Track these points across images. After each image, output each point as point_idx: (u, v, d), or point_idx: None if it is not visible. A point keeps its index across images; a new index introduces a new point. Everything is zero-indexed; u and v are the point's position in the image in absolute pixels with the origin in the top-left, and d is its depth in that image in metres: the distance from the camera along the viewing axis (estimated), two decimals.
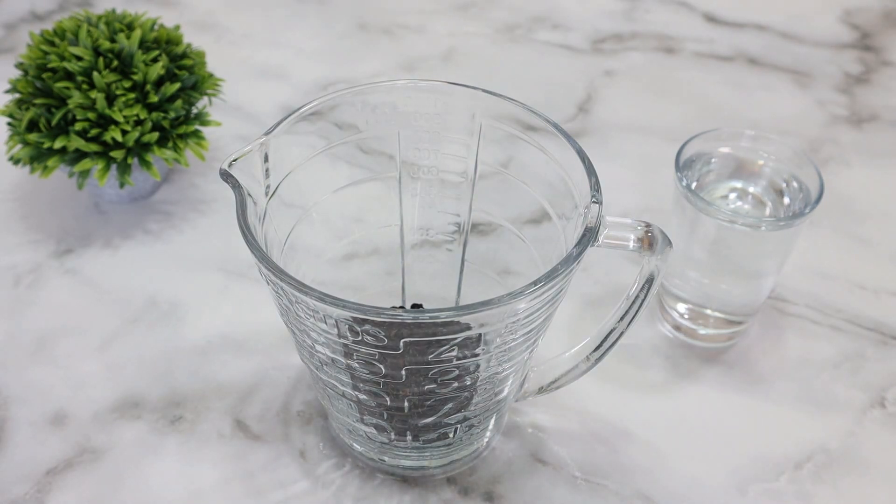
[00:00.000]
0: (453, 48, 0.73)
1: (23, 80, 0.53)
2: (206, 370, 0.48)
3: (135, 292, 0.52)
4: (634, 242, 0.37)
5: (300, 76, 0.69)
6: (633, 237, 0.37)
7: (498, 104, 0.41)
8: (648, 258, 0.37)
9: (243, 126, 0.64)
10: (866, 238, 0.57)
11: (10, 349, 0.49)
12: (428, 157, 0.43)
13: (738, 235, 0.44)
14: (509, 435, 0.46)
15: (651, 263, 0.38)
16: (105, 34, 0.53)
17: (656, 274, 0.38)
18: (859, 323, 0.52)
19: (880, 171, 0.62)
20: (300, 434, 0.45)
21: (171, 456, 0.44)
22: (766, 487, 0.44)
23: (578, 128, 0.65)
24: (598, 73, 0.70)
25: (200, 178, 0.60)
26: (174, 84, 0.53)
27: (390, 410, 0.39)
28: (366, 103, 0.42)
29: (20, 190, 0.59)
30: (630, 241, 0.37)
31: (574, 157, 0.38)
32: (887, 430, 0.46)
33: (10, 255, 0.54)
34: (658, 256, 0.37)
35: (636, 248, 0.37)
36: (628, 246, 0.37)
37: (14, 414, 0.46)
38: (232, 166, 0.37)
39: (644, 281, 0.38)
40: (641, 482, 0.44)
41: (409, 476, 0.44)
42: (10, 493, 0.43)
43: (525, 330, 0.36)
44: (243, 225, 0.35)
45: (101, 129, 0.51)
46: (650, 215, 0.57)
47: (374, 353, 0.35)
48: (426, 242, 0.46)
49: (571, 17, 0.76)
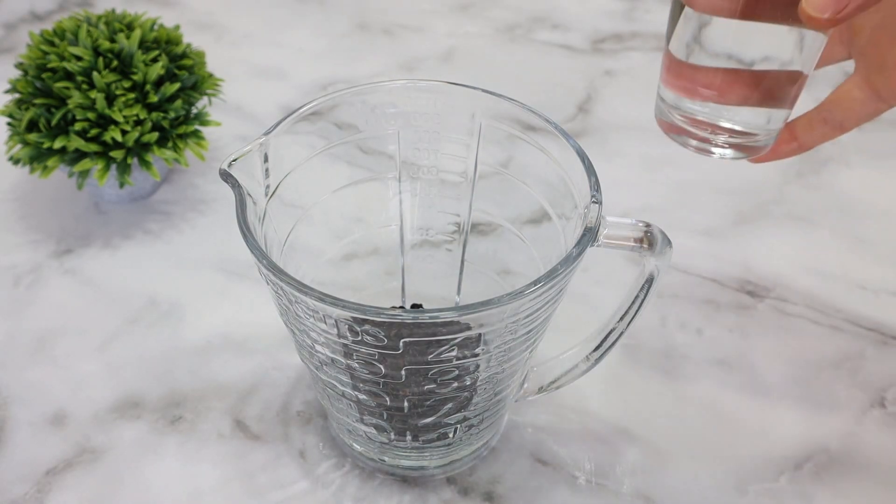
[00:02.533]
0: (453, 48, 0.73)
1: (23, 80, 0.53)
2: (206, 370, 0.48)
3: (135, 292, 0.52)
4: (634, 242, 0.37)
5: (300, 76, 0.69)
6: (633, 237, 0.37)
7: (498, 104, 0.41)
8: (648, 258, 0.37)
9: (243, 126, 0.64)
10: (866, 238, 0.57)
11: (10, 349, 0.49)
12: (428, 157, 0.43)
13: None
14: (509, 435, 0.46)
15: (651, 263, 0.38)
16: (105, 34, 0.53)
17: (656, 274, 0.38)
18: (859, 323, 0.51)
19: (880, 171, 0.62)
20: (300, 434, 0.45)
21: (171, 456, 0.44)
22: (766, 487, 0.44)
23: (578, 128, 0.65)
24: (598, 73, 0.70)
25: (200, 178, 0.60)
26: (174, 84, 0.53)
27: (390, 410, 0.39)
28: (365, 103, 0.42)
29: (20, 190, 0.59)
30: (630, 241, 0.37)
31: (574, 157, 0.38)
32: (887, 430, 0.46)
33: (10, 255, 0.54)
34: (658, 256, 0.37)
35: (636, 248, 0.37)
36: (628, 246, 0.37)
37: (14, 414, 0.46)
38: (232, 166, 0.37)
39: (644, 281, 0.38)
40: (641, 482, 0.44)
41: (408, 476, 0.44)
42: (10, 493, 0.43)
43: (525, 330, 0.36)
44: (243, 225, 0.35)
45: (101, 129, 0.51)
46: (650, 215, 0.57)
47: (374, 353, 0.35)
48: (426, 242, 0.46)
49: (571, 17, 0.76)
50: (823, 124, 0.40)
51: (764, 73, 0.35)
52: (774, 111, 0.37)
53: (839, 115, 0.39)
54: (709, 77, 0.36)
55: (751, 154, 0.38)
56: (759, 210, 0.59)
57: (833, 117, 0.39)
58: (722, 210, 0.59)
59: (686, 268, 0.54)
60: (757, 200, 0.60)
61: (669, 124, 0.38)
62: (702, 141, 0.38)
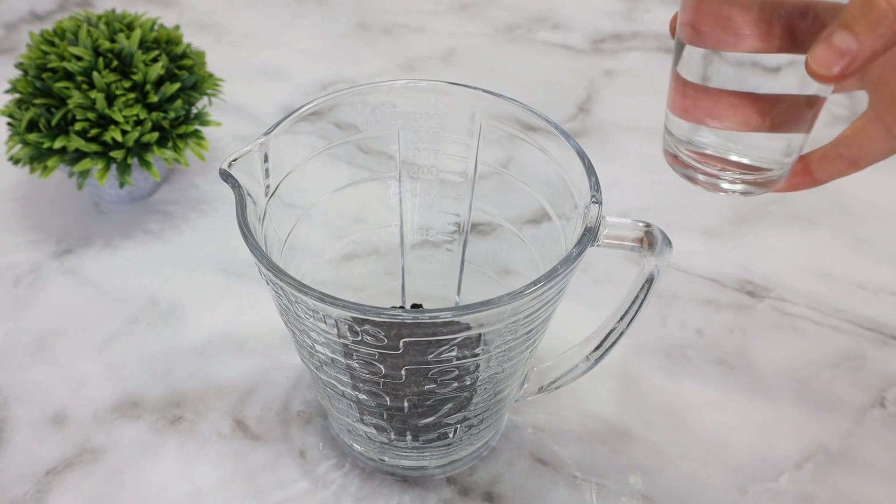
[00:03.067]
0: (453, 48, 0.73)
1: (23, 80, 0.53)
2: (206, 370, 0.48)
3: (135, 292, 0.52)
4: (634, 242, 0.37)
5: (300, 76, 0.69)
6: (633, 237, 0.37)
7: (498, 104, 0.41)
8: (648, 258, 0.37)
9: (243, 126, 0.64)
10: (866, 238, 0.57)
11: (10, 349, 0.49)
12: (428, 157, 0.43)
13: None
14: (509, 435, 0.46)
15: (651, 263, 0.38)
16: (105, 34, 0.53)
17: (656, 274, 0.38)
18: (859, 323, 0.51)
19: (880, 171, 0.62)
20: (300, 434, 0.45)
21: (171, 456, 0.44)
22: (766, 487, 0.44)
23: (578, 128, 0.65)
24: (598, 73, 0.70)
25: (200, 178, 0.60)
26: (174, 84, 0.53)
27: (390, 410, 0.39)
28: (366, 103, 0.42)
29: (20, 190, 0.59)
30: (630, 241, 0.37)
31: (574, 157, 0.38)
32: (887, 430, 0.46)
33: (10, 255, 0.54)
34: (658, 256, 0.37)
35: (636, 248, 0.37)
36: (628, 246, 0.37)
37: (14, 414, 0.46)
38: (232, 166, 0.37)
39: (644, 281, 0.38)
40: (641, 482, 0.44)
41: (409, 476, 0.44)
42: (10, 493, 0.43)
43: (525, 330, 0.36)
44: (243, 225, 0.35)
45: (101, 129, 0.51)
46: (650, 215, 0.57)
47: (374, 353, 0.35)
48: (426, 242, 0.46)
49: (571, 17, 0.76)
50: (839, 160, 0.38)
51: (779, 97, 0.34)
52: (791, 138, 0.35)
53: (854, 152, 0.38)
54: (721, 100, 0.34)
55: (762, 189, 0.37)
56: (759, 210, 0.59)
57: (849, 153, 0.38)
58: (722, 210, 0.59)
59: (686, 268, 0.54)
60: (757, 200, 0.59)
61: (676, 157, 0.37)
62: (711, 177, 0.36)
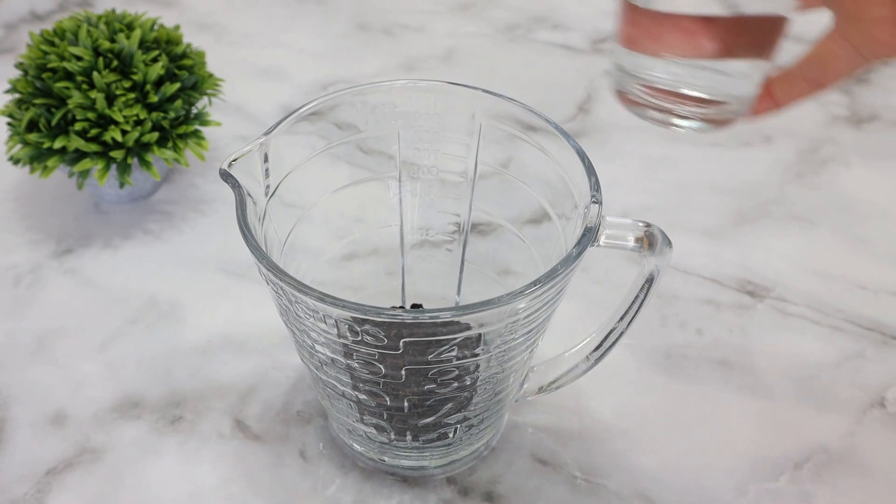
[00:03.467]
0: (453, 48, 0.73)
1: (23, 80, 0.53)
2: (206, 370, 0.48)
3: (135, 292, 0.52)
4: (634, 242, 0.37)
5: (300, 76, 0.69)
6: (633, 237, 0.37)
7: (498, 104, 0.41)
8: (648, 258, 0.37)
9: (243, 126, 0.64)
10: (866, 238, 0.57)
11: (10, 349, 0.49)
12: (428, 156, 0.43)
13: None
14: (509, 435, 0.46)
15: (651, 263, 0.38)
16: (105, 34, 0.53)
17: (656, 274, 0.38)
18: (859, 323, 0.51)
19: (880, 171, 0.62)
20: (300, 434, 0.45)
21: (171, 456, 0.44)
22: (766, 487, 0.44)
23: (578, 128, 0.65)
24: (599, 73, 0.70)
25: (200, 178, 0.60)
26: (174, 84, 0.53)
27: (390, 410, 0.39)
28: (366, 103, 0.42)
29: (20, 190, 0.59)
30: (630, 241, 0.37)
31: (574, 157, 0.38)
32: (887, 430, 0.46)
33: (10, 255, 0.54)
34: (658, 256, 0.37)
35: (636, 248, 0.37)
36: (628, 246, 0.37)
37: (14, 414, 0.46)
38: (232, 166, 0.37)
39: (644, 281, 0.38)
40: (641, 482, 0.44)
41: (408, 476, 0.44)
42: (10, 493, 0.43)
43: (525, 330, 0.36)
44: (243, 225, 0.35)
45: (101, 129, 0.51)
46: (650, 215, 0.57)
47: (374, 353, 0.35)
48: (426, 242, 0.46)
49: (571, 17, 0.76)
50: (803, 82, 0.37)
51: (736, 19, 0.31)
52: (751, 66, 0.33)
53: (818, 73, 0.36)
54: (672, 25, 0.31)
55: (721, 126, 0.35)
56: (759, 210, 0.59)
57: (813, 74, 0.36)
58: (722, 210, 0.59)
59: (686, 268, 0.54)
60: (757, 200, 0.59)
61: (626, 95, 0.34)
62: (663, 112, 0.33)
